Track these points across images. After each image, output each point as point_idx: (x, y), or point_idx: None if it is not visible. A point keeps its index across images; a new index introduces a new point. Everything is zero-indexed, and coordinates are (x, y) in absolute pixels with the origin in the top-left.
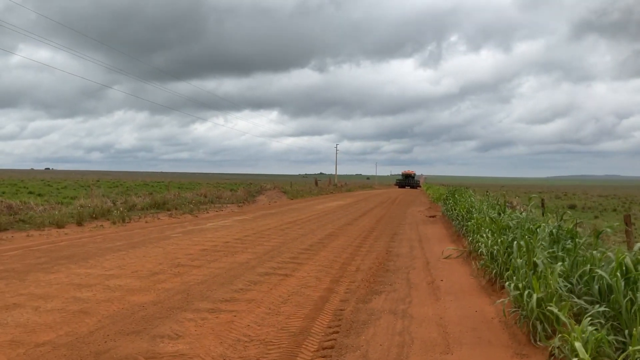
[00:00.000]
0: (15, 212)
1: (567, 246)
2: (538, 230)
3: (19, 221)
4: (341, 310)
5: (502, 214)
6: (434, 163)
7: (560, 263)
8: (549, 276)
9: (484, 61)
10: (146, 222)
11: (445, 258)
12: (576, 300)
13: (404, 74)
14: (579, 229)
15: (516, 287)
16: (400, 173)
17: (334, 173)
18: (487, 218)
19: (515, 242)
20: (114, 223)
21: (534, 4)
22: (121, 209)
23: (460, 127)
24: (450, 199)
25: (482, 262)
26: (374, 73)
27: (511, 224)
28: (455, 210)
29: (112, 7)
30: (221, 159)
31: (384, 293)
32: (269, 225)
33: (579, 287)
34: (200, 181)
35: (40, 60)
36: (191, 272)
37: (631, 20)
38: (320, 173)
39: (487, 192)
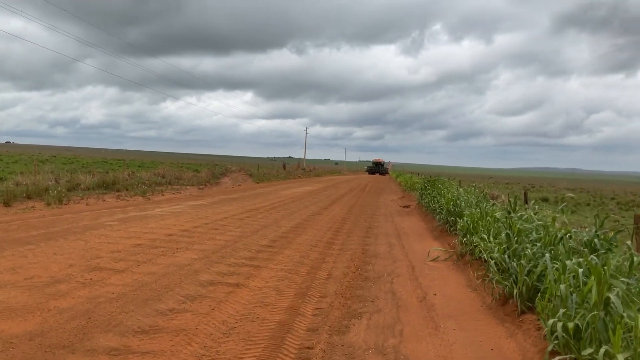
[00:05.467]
0: None
1: (617, 263)
2: (564, 238)
3: None
4: (308, 348)
5: (512, 213)
6: (404, 150)
7: None
8: (638, 327)
9: (465, 51)
10: (87, 204)
11: (432, 260)
12: None
13: (384, 61)
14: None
15: (564, 329)
16: (371, 160)
17: (302, 157)
18: (489, 217)
19: (548, 258)
20: (49, 204)
21: None
22: (60, 188)
23: (432, 116)
24: (429, 189)
25: (490, 275)
26: (354, 58)
27: (531, 227)
28: (438, 202)
29: None
30: (190, 138)
31: (365, 316)
32: (226, 213)
33: None
34: (166, 161)
35: (11, 31)
36: (108, 279)
37: (616, 16)
38: (289, 157)
39: (460, 182)
